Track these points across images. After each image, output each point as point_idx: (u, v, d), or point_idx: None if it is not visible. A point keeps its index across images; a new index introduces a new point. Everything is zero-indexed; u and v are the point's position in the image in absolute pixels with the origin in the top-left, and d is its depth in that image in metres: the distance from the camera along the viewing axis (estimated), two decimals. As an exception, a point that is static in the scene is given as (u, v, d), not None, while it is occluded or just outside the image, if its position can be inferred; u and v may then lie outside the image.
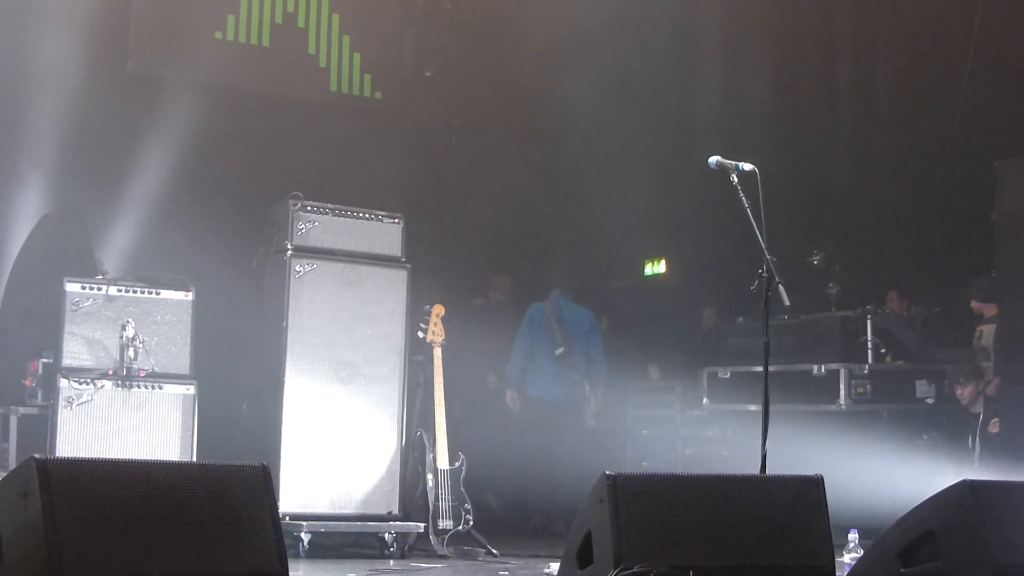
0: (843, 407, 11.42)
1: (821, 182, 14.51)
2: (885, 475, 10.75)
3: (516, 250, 15.23)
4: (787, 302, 7.58)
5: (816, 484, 5.92)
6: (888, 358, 11.81)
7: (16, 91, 12.14)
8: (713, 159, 7.77)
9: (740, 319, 12.73)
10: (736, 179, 7.67)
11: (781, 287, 7.47)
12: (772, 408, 7.40)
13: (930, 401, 11.76)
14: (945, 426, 11.49)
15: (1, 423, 9.72)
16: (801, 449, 10.73)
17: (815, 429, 11.30)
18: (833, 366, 11.53)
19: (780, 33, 15.01)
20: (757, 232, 7.52)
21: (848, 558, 8.45)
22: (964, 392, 11.25)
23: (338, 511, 9.54)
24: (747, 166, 7.70)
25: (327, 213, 9.86)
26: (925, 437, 11.41)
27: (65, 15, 12.29)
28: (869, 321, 11.72)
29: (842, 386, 11.44)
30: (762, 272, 7.47)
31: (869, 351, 11.66)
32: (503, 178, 15.02)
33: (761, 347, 7.54)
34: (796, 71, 14.99)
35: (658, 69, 15.23)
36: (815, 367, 11.62)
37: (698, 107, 15.53)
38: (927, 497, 6.18)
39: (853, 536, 8.73)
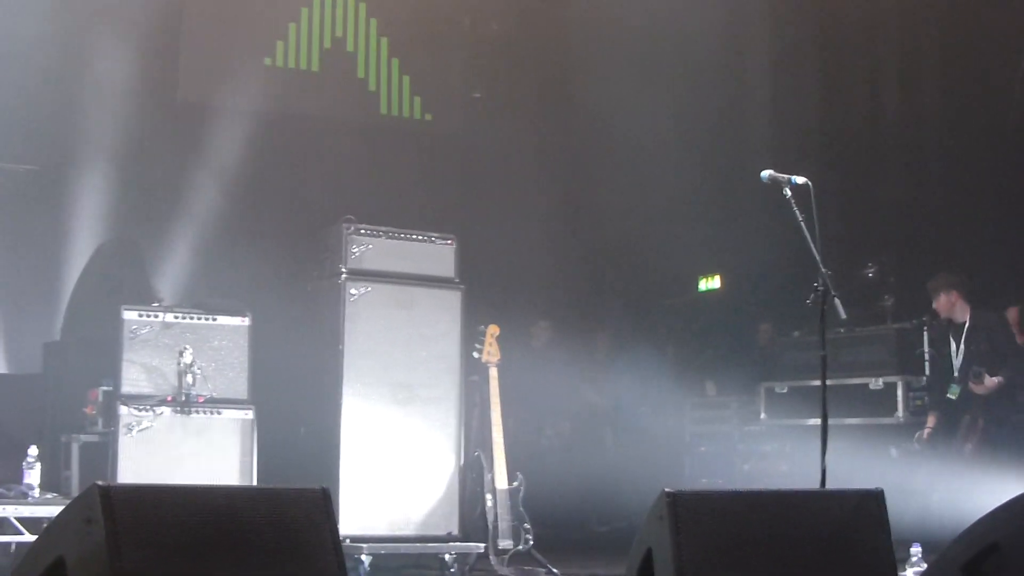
0: (901, 420, 11.37)
1: (872, 194, 14.44)
2: (946, 488, 10.69)
3: (570, 270, 15.23)
4: (843, 315, 7.56)
5: (876, 498, 5.88)
6: (945, 370, 11.74)
7: (69, 121, 12.26)
8: (766, 173, 7.76)
9: (796, 333, 12.69)
10: (789, 192, 7.66)
11: (837, 300, 7.45)
12: (830, 422, 7.37)
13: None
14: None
15: (63, 451, 9.79)
16: (860, 463, 10.68)
17: (874, 442, 11.25)
18: (890, 379, 11.48)
19: (827, 45, 14.97)
20: (811, 245, 7.50)
21: (911, 572, 8.40)
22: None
23: (398, 533, 9.55)
24: (800, 179, 7.69)
25: (380, 236, 9.88)
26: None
27: (116, 44, 12.40)
28: (925, 333, 11.66)
29: (900, 399, 11.40)
30: (817, 286, 7.46)
31: (926, 363, 11.60)
32: (555, 197, 15.04)
33: (818, 361, 7.52)
34: (844, 83, 14.93)
35: (707, 84, 15.21)
36: (872, 380, 11.57)
37: (748, 122, 15.50)
38: (990, 509, 6.14)
39: (916, 550, 8.68)
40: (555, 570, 9.71)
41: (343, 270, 9.65)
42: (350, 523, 9.26)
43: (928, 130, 14.24)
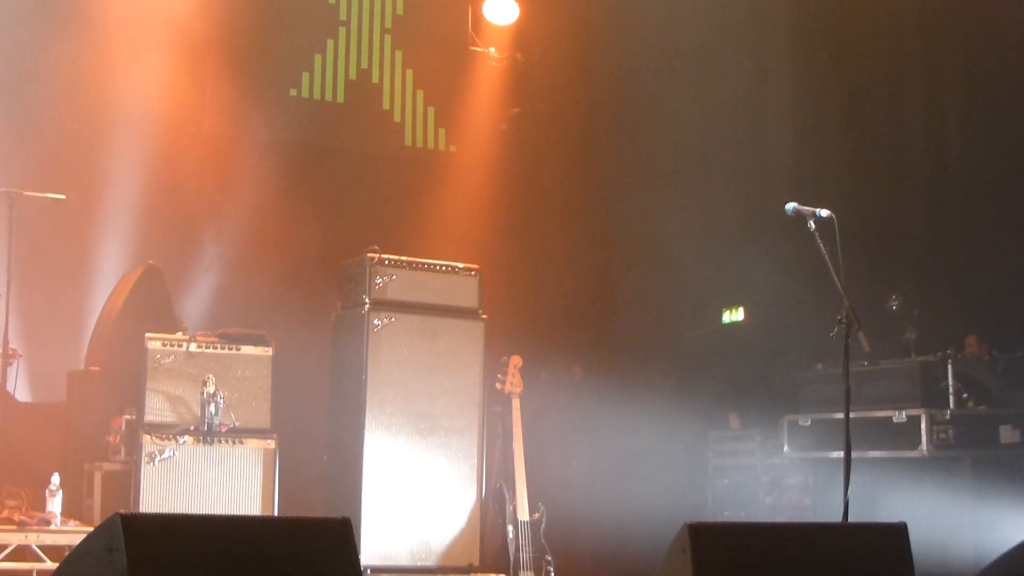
0: (925, 453, 11.30)
1: (896, 226, 14.40)
2: (969, 522, 10.63)
3: (594, 301, 15.22)
4: (867, 348, 7.56)
5: (899, 532, 5.87)
6: (970, 403, 11.68)
7: (96, 150, 12.30)
8: (790, 206, 7.78)
9: (820, 366, 12.64)
10: (813, 225, 7.67)
11: (861, 333, 7.44)
12: (853, 455, 7.35)
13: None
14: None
15: (86, 479, 9.83)
16: (883, 496, 10.63)
17: (897, 476, 11.19)
18: (914, 412, 11.40)
19: (849, 77, 14.94)
20: (835, 278, 7.50)
21: (934, 606, 8.35)
22: None
23: (419, 563, 9.54)
24: (824, 212, 7.71)
25: (404, 267, 9.90)
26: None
27: (143, 74, 12.46)
28: (950, 366, 11.60)
29: (924, 432, 11.32)
30: (841, 318, 7.45)
31: (951, 396, 11.53)
32: (578, 228, 15.04)
33: (842, 394, 7.50)
34: (867, 115, 14.90)
35: (730, 120, 15.21)
36: (896, 413, 11.51)
37: (770, 155, 15.49)
38: (1013, 544, 6.12)
39: (939, 584, 8.64)
40: (576, 602, 9.69)
41: (367, 300, 9.67)
42: (372, 553, 9.26)
43: (952, 161, 14.20)
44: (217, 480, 9.43)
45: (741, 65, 15.23)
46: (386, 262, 9.82)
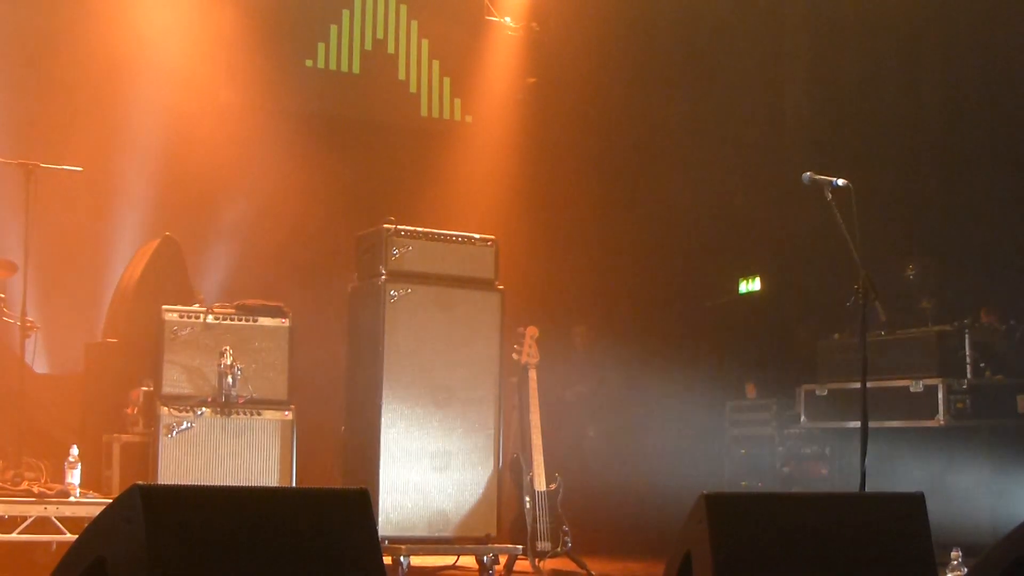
0: (942, 423, 11.30)
1: (914, 195, 14.37)
2: (987, 491, 10.63)
3: (609, 271, 15.21)
4: (883, 317, 7.55)
5: (917, 501, 5.86)
6: (987, 373, 11.67)
7: (111, 124, 12.31)
8: (807, 175, 7.76)
9: (836, 335, 12.63)
10: (830, 195, 7.65)
11: (878, 302, 7.43)
12: (870, 425, 7.35)
13: None
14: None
15: (104, 451, 9.86)
16: (901, 466, 10.63)
17: (914, 446, 11.19)
18: (931, 382, 11.39)
19: (866, 47, 14.90)
20: (852, 248, 7.49)
21: (951, 576, 8.35)
22: None
23: (436, 534, 9.54)
24: (841, 181, 7.69)
25: (420, 238, 9.86)
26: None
27: (159, 46, 12.47)
28: (967, 335, 11.58)
29: (941, 402, 11.31)
30: (858, 288, 7.44)
31: (968, 366, 11.52)
32: (595, 199, 15.02)
33: (858, 363, 7.50)
34: (884, 84, 14.87)
35: (747, 89, 15.18)
36: (913, 383, 11.50)
37: (787, 124, 15.46)
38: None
39: (956, 554, 8.63)
40: (593, 573, 9.69)
41: (383, 272, 9.65)
42: (389, 524, 9.26)
43: (970, 131, 14.15)
44: (235, 451, 9.45)
45: (759, 34, 15.19)
46: (402, 233, 9.79)
